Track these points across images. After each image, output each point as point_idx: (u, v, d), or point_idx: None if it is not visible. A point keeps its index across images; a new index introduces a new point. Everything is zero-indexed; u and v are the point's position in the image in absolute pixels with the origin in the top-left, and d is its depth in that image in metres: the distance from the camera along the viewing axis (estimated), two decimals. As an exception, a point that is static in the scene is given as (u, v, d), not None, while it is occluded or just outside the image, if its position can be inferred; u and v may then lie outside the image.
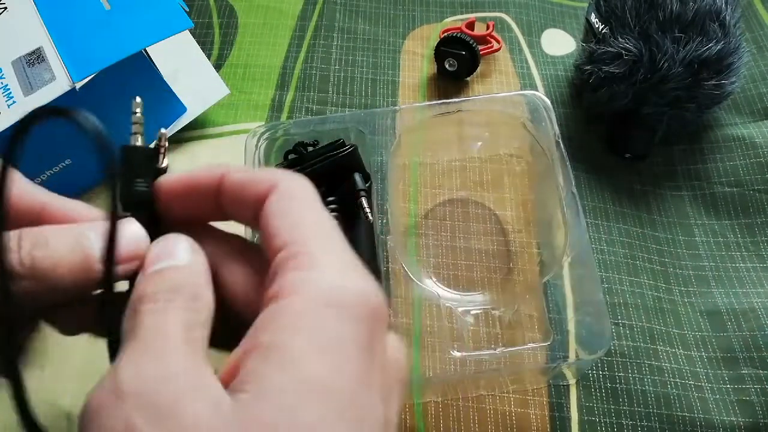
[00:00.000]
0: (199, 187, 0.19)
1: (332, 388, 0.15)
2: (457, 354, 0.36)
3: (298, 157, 0.40)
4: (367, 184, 0.38)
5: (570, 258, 0.37)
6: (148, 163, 0.20)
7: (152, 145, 0.20)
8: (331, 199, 0.38)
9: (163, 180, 0.20)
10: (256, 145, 0.40)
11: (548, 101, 0.40)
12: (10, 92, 0.39)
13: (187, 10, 0.45)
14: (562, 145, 0.39)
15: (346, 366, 0.15)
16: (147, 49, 0.42)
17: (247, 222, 0.20)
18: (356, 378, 0.15)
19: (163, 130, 0.20)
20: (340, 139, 0.40)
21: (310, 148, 0.40)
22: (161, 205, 0.20)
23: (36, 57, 0.40)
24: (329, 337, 0.15)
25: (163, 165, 0.20)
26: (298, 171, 0.39)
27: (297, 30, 0.56)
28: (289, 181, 0.19)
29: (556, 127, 0.40)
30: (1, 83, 0.39)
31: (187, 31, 0.47)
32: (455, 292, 0.41)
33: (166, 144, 0.20)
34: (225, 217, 0.20)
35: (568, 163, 0.38)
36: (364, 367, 0.15)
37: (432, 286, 0.41)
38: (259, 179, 0.19)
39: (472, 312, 0.40)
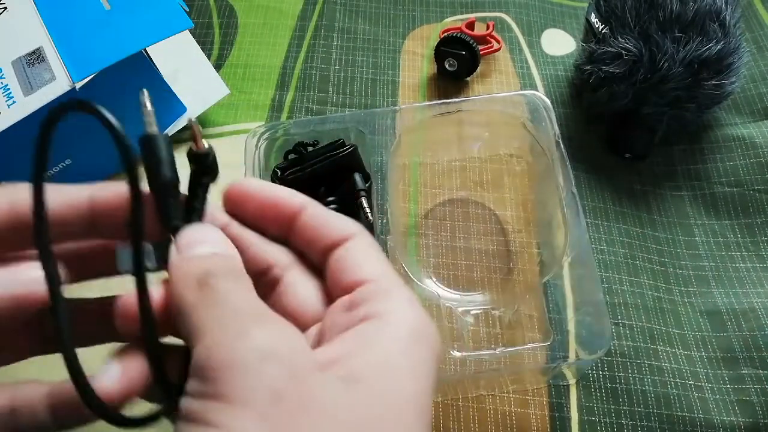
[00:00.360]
0: (280, 207, 0.22)
1: (418, 402, 0.18)
2: (457, 354, 0.36)
3: (298, 157, 0.40)
4: (367, 184, 0.38)
5: (570, 258, 0.37)
6: (170, 148, 0.20)
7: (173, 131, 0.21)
8: (331, 199, 0.38)
9: (253, 182, 0.22)
10: (256, 145, 0.40)
11: (548, 101, 0.40)
12: (10, 92, 0.39)
13: (187, 10, 0.45)
14: (562, 145, 0.39)
15: (425, 386, 0.18)
16: (147, 49, 0.42)
17: (310, 253, 0.22)
18: (428, 397, 0.19)
19: (192, 119, 0.21)
20: (340, 139, 0.40)
21: (310, 148, 0.40)
22: (240, 203, 0.22)
23: (36, 57, 0.39)
24: (418, 360, 0.19)
25: (205, 148, 0.21)
26: (298, 171, 0.39)
27: (297, 30, 0.56)
28: (365, 233, 0.22)
29: (556, 127, 0.39)
30: (1, 83, 0.39)
31: (187, 31, 0.47)
32: (455, 292, 0.41)
33: (199, 126, 0.21)
34: (282, 242, 0.22)
35: (568, 163, 0.38)
36: (431, 388, 0.19)
37: (432, 286, 0.41)
38: (339, 225, 0.22)
39: (472, 312, 0.40)
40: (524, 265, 0.42)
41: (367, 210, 0.37)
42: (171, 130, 0.46)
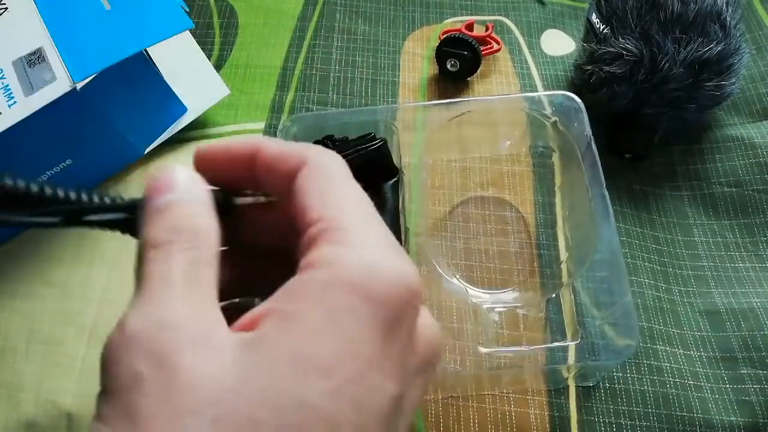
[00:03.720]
0: (236, 157, 0.20)
1: (331, 367, 0.15)
2: (483, 350, 0.36)
3: None
4: (394, 179, 0.38)
5: (598, 259, 0.37)
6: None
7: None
8: None
9: (201, 147, 0.20)
10: (295, 135, 0.40)
11: (580, 102, 0.40)
12: (11, 92, 0.39)
13: (188, 10, 0.45)
14: (593, 145, 0.38)
15: (354, 347, 0.15)
16: (147, 49, 0.42)
17: (281, 196, 0.20)
18: (364, 359, 0.15)
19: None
20: (370, 133, 0.39)
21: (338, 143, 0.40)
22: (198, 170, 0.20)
23: (36, 57, 0.39)
24: (343, 316, 0.15)
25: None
26: None
27: (297, 30, 0.56)
28: (319, 155, 0.19)
29: (588, 128, 0.39)
30: (2, 83, 0.39)
31: (188, 32, 0.47)
32: (481, 290, 0.41)
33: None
34: (258, 189, 0.21)
35: (599, 163, 0.37)
36: (377, 348, 0.16)
37: (458, 283, 0.41)
38: (289, 154, 0.19)
39: (497, 309, 0.40)
40: (551, 265, 0.42)
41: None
42: (171, 131, 0.46)
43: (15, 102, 0.38)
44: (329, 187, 0.18)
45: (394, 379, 0.16)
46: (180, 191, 0.18)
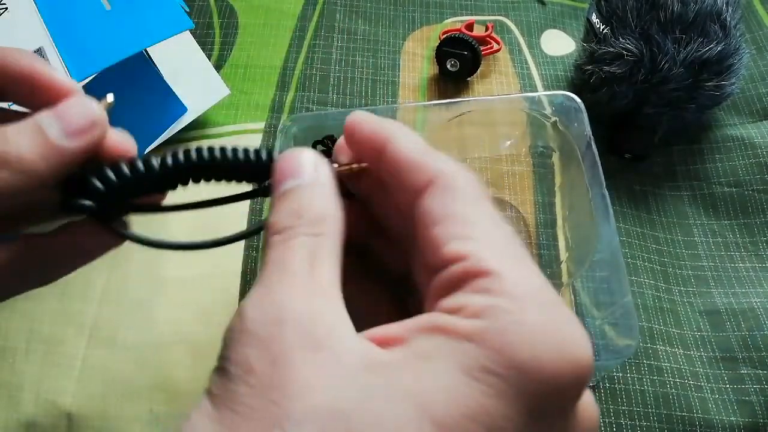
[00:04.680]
0: (366, 141, 0.19)
1: (450, 427, 0.13)
2: None
3: (325, 150, 0.40)
4: None
5: (598, 259, 0.37)
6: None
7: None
8: None
9: (355, 116, 0.19)
10: (293, 135, 0.40)
11: (580, 102, 0.40)
12: (11, 92, 0.39)
13: (188, 10, 0.45)
14: (593, 145, 0.38)
15: (484, 416, 0.14)
16: (147, 49, 0.42)
17: (406, 208, 0.18)
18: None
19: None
20: None
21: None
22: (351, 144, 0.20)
23: (36, 57, 0.40)
24: (482, 381, 0.14)
25: None
26: None
27: (297, 30, 0.56)
28: (449, 174, 0.17)
29: (588, 128, 0.39)
30: (2, 83, 0.39)
31: (188, 32, 0.47)
32: None
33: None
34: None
35: (599, 163, 0.37)
36: (517, 426, 0.14)
37: None
38: (420, 166, 0.17)
39: None
40: (551, 265, 0.42)
41: None
42: (171, 131, 0.46)
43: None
44: (464, 214, 0.16)
45: None
46: (305, 176, 0.18)
